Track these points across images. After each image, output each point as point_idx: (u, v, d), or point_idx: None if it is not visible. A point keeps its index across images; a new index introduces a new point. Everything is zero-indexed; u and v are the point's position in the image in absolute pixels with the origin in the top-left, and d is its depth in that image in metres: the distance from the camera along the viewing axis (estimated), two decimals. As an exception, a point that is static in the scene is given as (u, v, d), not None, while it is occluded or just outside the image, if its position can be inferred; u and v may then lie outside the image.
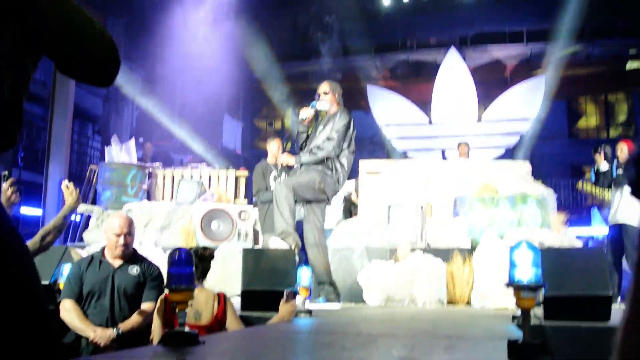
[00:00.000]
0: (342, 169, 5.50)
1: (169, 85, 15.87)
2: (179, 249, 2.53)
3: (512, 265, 2.19)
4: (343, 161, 5.51)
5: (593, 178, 7.76)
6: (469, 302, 6.09)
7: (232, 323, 3.67)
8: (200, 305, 3.64)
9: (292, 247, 5.14)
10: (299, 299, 4.39)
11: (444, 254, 6.31)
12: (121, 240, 3.96)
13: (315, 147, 5.49)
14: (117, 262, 3.99)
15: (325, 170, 5.45)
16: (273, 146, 7.27)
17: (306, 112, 5.68)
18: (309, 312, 4.27)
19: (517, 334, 2.84)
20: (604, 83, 17.43)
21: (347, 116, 5.55)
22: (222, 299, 3.71)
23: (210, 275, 3.91)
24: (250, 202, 9.87)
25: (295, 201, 5.34)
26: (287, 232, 5.18)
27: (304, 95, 17.85)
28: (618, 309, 4.88)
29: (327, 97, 5.64)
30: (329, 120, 5.57)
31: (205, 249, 3.89)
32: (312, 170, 5.46)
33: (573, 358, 3.46)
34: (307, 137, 5.76)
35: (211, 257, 3.87)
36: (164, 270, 2.81)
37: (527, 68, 17.17)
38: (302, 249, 5.56)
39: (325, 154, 5.43)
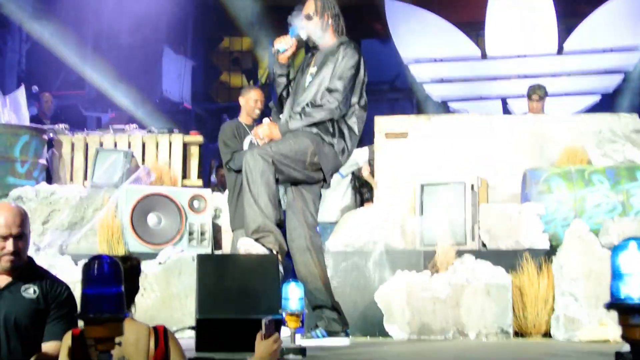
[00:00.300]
0: (350, 134, 5.48)
1: (76, 5, 15.74)
2: (99, 257, 2.50)
3: (617, 275, 2.18)
4: (352, 123, 5.50)
5: None
6: (547, 333, 6.12)
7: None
8: (128, 347, 3.61)
9: (274, 252, 5.13)
10: (285, 332, 4.40)
11: (509, 260, 6.33)
12: (9, 245, 3.92)
13: (309, 105, 5.44)
14: (3, 280, 3.96)
15: (322, 135, 5.41)
16: (250, 99, 7.37)
17: (284, 43, 5.63)
18: (302, 351, 4.28)
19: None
20: None
21: (355, 53, 5.50)
22: (160, 334, 3.68)
23: (142, 298, 3.90)
24: (206, 183, 9.87)
25: (277, 181, 5.32)
26: (264, 228, 5.16)
27: (287, 14, 17.75)
28: None
29: (313, 22, 5.60)
30: (325, 61, 5.52)
31: (126, 258, 3.82)
32: (301, 135, 5.43)
33: None
34: (289, 82, 5.73)
35: (137, 270, 3.84)
36: (76, 291, 2.80)
37: (633, -31, 17.10)
38: (288, 255, 5.56)
39: (327, 115, 5.38)
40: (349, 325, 5.55)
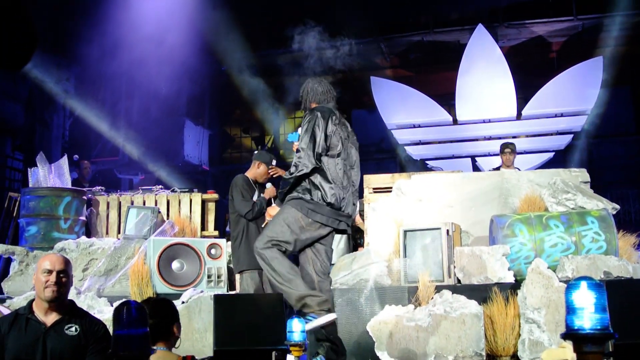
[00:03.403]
0: (323, 182, 5.39)
1: (111, 85, 15.89)
2: (128, 303, 2.49)
3: (570, 310, 2.17)
4: (325, 170, 5.41)
5: None
6: (515, 355, 6.06)
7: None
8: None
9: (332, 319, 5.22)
10: (290, 360, 4.36)
11: (480, 293, 6.29)
12: (53, 277, 3.92)
13: (288, 172, 5.52)
14: (50, 319, 3.94)
15: (301, 196, 5.41)
16: (263, 168, 7.50)
17: (293, 136, 5.92)
18: (305, 376, 4.23)
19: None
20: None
21: (310, 113, 5.55)
22: (188, 360, 3.68)
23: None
24: (222, 234, 9.85)
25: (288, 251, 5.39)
26: (311, 295, 5.20)
27: (289, 90, 17.87)
28: None
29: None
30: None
31: (148, 300, 3.84)
32: (286, 205, 5.46)
33: None
34: None
35: (170, 308, 3.84)
36: (111, 328, 2.77)
37: (578, 47, 17.25)
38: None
39: (297, 174, 5.37)
40: (345, 356, 5.48)
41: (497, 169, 10.09)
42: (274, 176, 7.49)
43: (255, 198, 7.19)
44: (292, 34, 13.95)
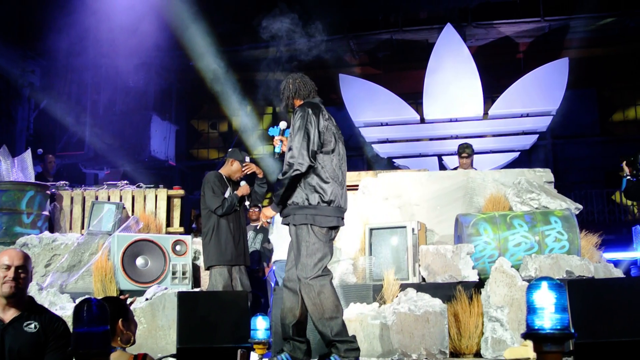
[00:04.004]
0: (320, 182, 5.18)
1: (77, 78, 15.72)
2: (89, 300, 2.46)
3: (531, 310, 2.19)
4: (319, 171, 5.20)
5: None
6: (478, 353, 6.11)
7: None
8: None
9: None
10: (254, 358, 4.35)
11: (445, 291, 6.33)
12: (11, 273, 3.86)
13: (279, 175, 5.25)
14: (8, 316, 3.88)
15: (300, 205, 5.19)
16: (237, 166, 7.42)
17: (277, 147, 5.67)
18: (268, 374, 4.22)
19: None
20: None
21: (300, 110, 5.31)
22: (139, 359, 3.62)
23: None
24: (187, 230, 9.78)
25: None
26: (343, 341, 5.03)
27: (258, 86, 17.82)
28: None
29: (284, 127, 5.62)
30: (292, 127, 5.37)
31: (109, 299, 3.78)
32: (298, 228, 5.20)
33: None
34: None
35: (124, 306, 3.79)
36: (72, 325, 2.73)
37: (544, 48, 17.43)
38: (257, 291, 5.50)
39: (292, 174, 5.14)
40: (311, 356, 5.39)
41: (456, 169, 10.12)
42: (247, 173, 7.47)
43: (227, 195, 7.17)
44: (261, 29, 13.92)
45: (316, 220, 5.12)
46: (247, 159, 7.53)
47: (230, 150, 7.80)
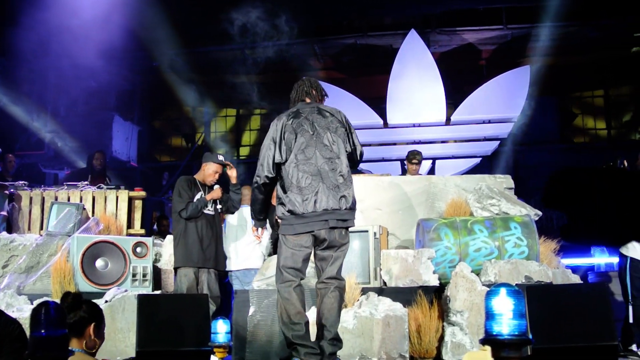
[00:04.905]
0: (282, 194, 5.26)
1: (38, 77, 15.52)
2: (46, 303, 2.43)
3: (490, 315, 2.21)
4: (281, 181, 5.29)
5: None
6: (438, 357, 6.15)
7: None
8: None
9: None
10: (213, 361, 4.33)
11: (405, 295, 6.36)
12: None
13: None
14: (-39, 318, 3.81)
15: (278, 216, 5.35)
16: (211, 169, 7.51)
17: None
18: (228, 378, 4.20)
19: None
20: (604, 74, 18.03)
21: (272, 123, 5.47)
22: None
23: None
24: (148, 232, 9.71)
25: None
26: (302, 345, 5.06)
27: (222, 88, 17.74)
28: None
29: None
30: None
31: (67, 294, 3.69)
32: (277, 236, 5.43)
33: None
34: None
35: (89, 308, 3.72)
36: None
37: (507, 56, 17.59)
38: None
39: (253, 187, 5.38)
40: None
41: (404, 174, 10.14)
42: (227, 171, 7.51)
43: (197, 198, 7.24)
44: (225, 31, 13.85)
45: (284, 230, 5.23)
46: (220, 157, 7.57)
47: (205, 154, 7.83)
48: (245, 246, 8.55)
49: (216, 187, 7.46)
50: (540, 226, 7.37)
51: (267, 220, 5.88)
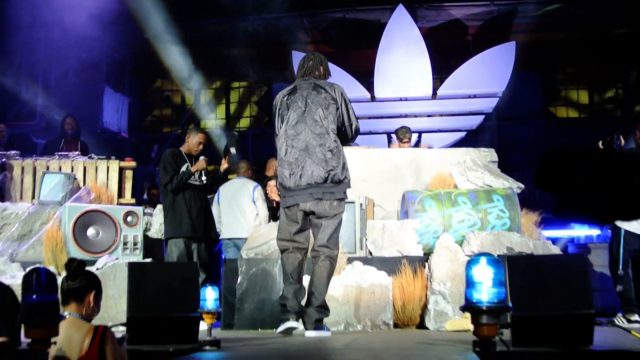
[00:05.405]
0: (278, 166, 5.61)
1: (29, 47, 15.38)
2: (37, 269, 2.45)
3: (470, 283, 2.24)
4: (278, 153, 5.61)
5: None
6: (421, 324, 6.21)
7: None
8: (66, 341, 3.52)
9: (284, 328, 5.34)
10: (203, 327, 4.37)
11: (390, 265, 6.41)
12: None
13: None
14: (-47, 285, 3.82)
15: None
16: (195, 140, 7.51)
17: None
18: (216, 343, 4.24)
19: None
20: (588, 51, 18.04)
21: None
22: (98, 333, 3.58)
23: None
24: (138, 202, 9.70)
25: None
26: (282, 303, 5.47)
27: (212, 61, 17.64)
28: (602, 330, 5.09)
29: None
30: None
31: (72, 260, 3.75)
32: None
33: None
34: None
35: (91, 277, 3.76)
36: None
37: (493, 32, 17.56)
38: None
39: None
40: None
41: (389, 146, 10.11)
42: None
43: (184, 169, 7.26)
44: (216, 4, 13.74)
45: (281, 203, 5.61)
46: (200, 136, 7.53)
47: (190, 127, 7.86)
48: (247, 215, 8.54)
49: (201, 158, 7.45)
50: (522, 199, 7.42)
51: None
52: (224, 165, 7.68)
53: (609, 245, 7.29)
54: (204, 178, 7.45)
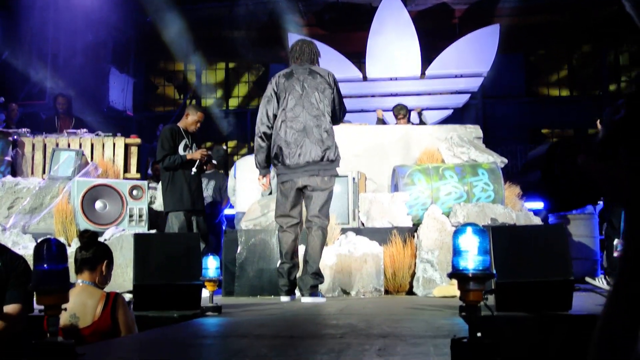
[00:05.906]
0: (273, 145, 5.57)
1: (37, 29, 15.26)
2: (48, 240, 2.44)
3: (457, 252, 2.23)
4: (275, 134, 5.58)
5: None
6: (410, 291, 6.23)
7: (124, 329, 3.61)
8: (80, 307, 3.54)
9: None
10: (205, 294, 4.37)
11: (381, 235, 6.41)
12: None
13: None
14: (-31, 255, 3.81)
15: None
16: (194, 118, 7.33)
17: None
18: (218, 309, 4.25)
19: (464, 329, 2.90)
20: (568, 33, 17.99)
21: (269, 82, 5.80)
22: (110, 299, 3.63)
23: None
24: (143, 176, 9.68)
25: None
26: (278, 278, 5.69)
27: (213, 43, 17.54)
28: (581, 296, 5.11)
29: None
30: None
31: (85, 232, 3.80)
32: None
33: (529, 353, 3.59)
34: None
35: (102, 247, 3.80)
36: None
37: (478, 15, 17.49)
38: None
39: (257, 138, 5.68)
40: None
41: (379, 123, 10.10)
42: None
43: (182, 146, 7.06)
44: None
45: (277, 179, 5.67)
46: (198, 114, 7.40)
47: (192, 103, 7.76)
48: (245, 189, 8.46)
49: (198, 150, 7.18)
50: (506, 173, 7.43)
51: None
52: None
53: (608, 216, 7.15)
54: (194, 170, 7.14)
